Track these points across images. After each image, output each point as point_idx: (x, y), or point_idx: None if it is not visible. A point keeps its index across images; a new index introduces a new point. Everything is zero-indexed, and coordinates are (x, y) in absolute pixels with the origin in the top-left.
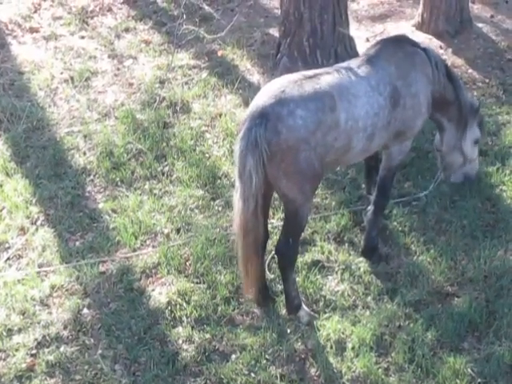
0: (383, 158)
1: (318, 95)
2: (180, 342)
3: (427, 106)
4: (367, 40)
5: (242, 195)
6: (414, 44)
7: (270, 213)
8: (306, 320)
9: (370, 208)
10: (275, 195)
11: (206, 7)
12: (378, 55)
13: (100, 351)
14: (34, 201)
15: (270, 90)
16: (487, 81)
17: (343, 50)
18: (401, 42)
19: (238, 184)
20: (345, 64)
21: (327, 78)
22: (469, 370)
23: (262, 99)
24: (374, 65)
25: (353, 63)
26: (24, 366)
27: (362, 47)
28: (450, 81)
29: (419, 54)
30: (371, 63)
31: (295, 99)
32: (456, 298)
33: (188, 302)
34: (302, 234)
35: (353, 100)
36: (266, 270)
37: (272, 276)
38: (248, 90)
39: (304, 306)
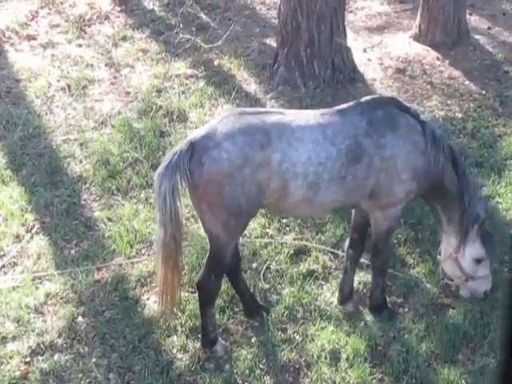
0: (371, 222)
1: (250, 130)
2: (174, 351)
3: (412, 176)
4: (364, 51)
5: (158, 220)
6: (411, 112)
7: (265, 223)
8: (222, 353)
9: (371, 272)
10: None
11: (203, 16)
12: (355, 108)
13: (94, 360)
14: (29, 208)
15: (210, 123)
16: (484, 92)
17: (340, 60)
18: (388, 103)
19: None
20: (313, 111)
21: (275, 116)
22: (463, 381)
23: (198, 131)
24: (343, 116)
25: (322, 110)
26: (18, 373)
27: (358, 58)
28: (455, 171)
29: (406, 118)
30: (341, 113)
31: (224, 132)
32: (451, 310)
33: (183, 311)
34: (295, 246)
35: (294, 143)
36: (262, 279)
37: (267, 286)
38: (245, 100)
39: (220, 338)
